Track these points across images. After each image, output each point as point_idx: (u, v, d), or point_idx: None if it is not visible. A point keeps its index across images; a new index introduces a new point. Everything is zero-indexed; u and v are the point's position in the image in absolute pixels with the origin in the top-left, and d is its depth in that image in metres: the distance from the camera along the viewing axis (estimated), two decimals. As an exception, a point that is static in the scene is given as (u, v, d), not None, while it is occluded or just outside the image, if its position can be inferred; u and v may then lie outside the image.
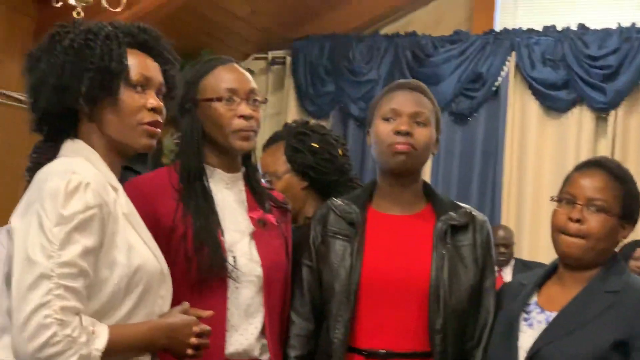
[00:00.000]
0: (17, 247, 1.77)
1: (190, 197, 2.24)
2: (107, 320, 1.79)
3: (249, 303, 2.25)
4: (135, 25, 1.98)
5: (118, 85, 1.88)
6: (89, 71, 1.86)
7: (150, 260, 1.89)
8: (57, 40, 1.89)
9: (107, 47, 1.88)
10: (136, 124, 1.91)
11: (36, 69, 1.90)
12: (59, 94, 1.87)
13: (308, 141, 2.74)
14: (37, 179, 1.83)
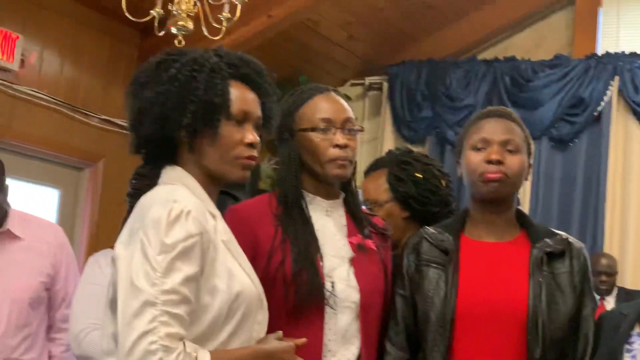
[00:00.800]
0: (121, 275, 1.80)
1: (289, 223, 2.26)
2: (208, 345, 1.82)
3: (346, 329, 2.23)
4: (239, 57, 2.00)
5: (219, 119, 1.92)
6: (192, 103, 1.89)
7: (249, 287, 1.91)
8: (163, 69, 1.92)
9: (211, 80, 1.91)
10: (233, 157, 1.95)
11: (141, 95, 1.93)
12: (161, 123, 1.91)
13: (411, 171, 2.71)
14: (140, 206, 1.87)
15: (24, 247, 3.08)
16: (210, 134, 1.92)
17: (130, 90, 1.97)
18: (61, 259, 3.15)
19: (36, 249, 3.10)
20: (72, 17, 5.56)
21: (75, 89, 5.61)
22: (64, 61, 5.57)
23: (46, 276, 3.11)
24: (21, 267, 3.06)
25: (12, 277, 3.03)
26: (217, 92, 1.91)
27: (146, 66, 1.97)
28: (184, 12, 4.24)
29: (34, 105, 5.34)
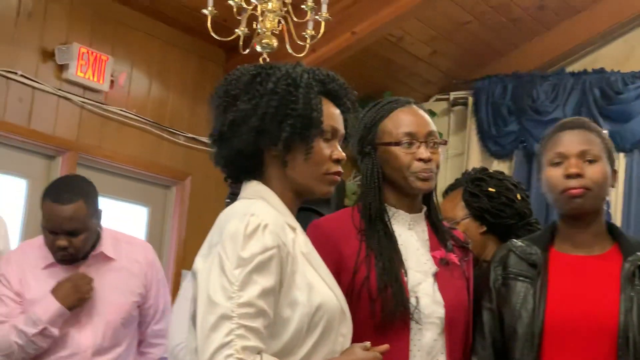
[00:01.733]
0: (200, 289, 1.82)
1: (372, 237, 2.24)
2: (290, 359, 1.81)
3: (431, 345, 2.21)
4: (325, 73, 2.01)
5: (315, 134, 1.92)
6: (291, 117, 1.89)
7: (330, 299, 1.89)
8: (259, 82, 1.93)
9: (308, 95, 1.92)
10: (322, 173, 1.96)
11: (235, 107, 1.93)
12: (257, 136, 1.91)
13: (485, 186, 2.80)
14: (219, 221, 1.89)
15: (116, 268, 3.16)
16: (303, 149, 1.92)
17: (220, 103, 1.97)
18: (151, 277, 3.21)
19: (128, 269, 3.17)
20: (159, 38, 5.66)
21: (162, 108, 5.71)
22: (151, 81, 5.68)
23: (138, 295, 3.17)
24: (114, 288, 3.14)
25: (106, 298, 3.11)
26: (314, 107, 1.92)
27: (236, 78, 1.97)
28: (269, 30, 4.29)
29: (123, 125, 5.45)
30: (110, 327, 3.10)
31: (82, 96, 5.21)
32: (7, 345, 3.00)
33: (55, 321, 3.00)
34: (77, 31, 5.16)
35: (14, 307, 3.06)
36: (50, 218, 3.03)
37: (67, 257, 3.07)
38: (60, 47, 5.05)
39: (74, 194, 3.03)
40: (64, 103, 5.12)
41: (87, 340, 3.06)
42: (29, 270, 3.10)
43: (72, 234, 3.02)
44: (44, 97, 5.00)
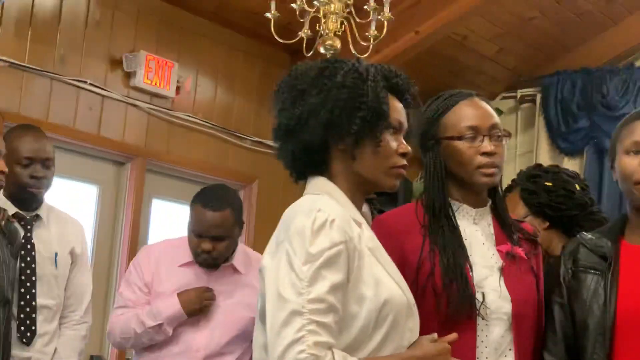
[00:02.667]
0: (268, 285, 1.82)
1: (436, 232, 2.22)
2: (358, 354, 1.80)
3: (499, 341, 2.18)
4: (388, 68, 2.00)
5: (383, 127, 1.92)
6: (360, 110, 1.89)
7: (397, 294, 1.88)
8: (327, 76, 1.92)
9: (376, 88, 1.91)
10: (390, 166, 1.95)
11: (302, 102, 1.92)
12: (327, 129, 1.90)
13: (541, 181, 2.80)
14: (285, 217, 1.88)
15: (243, 283, 3.28)
16: (372, 142, 1.92)
17: (286, 98, 1.96)
18: None
19: (253, 286, 3.24)
20: (224, 43, 5.71)
21: (228, 113, 5.76)
22: (217, 86, 5.73)
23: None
24: (237, 301, 3.25)
25: (227, 308, 3.23)
26: (382, 100, 1.92)
27: (302, 73, 1.96)
28: (332, 32, 4.29)
29: (189, 130, 5.51)
30: (226, 335, 3.21)
31: (150, 102, 5.28)
32: (127, 330, 3.19)
33: (172, 321, 3.15)
34: (143, 39, 5.24)
35: (140, 296, 3.24)
36: (198, 222, 3.17)
37: (208, 261, 3.21)
38: (127, 55, 5.13)
39: (223, 202, 3.19)
40: (132, 110, 5.20)
41: (201, 341, 3.18)
42: (164, 266, 3.26)
43: (217, 240, 3.16)
44: (112, 105, 5.09)
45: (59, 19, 4.86)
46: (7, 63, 4.59)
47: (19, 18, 4.68)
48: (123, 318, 3.21)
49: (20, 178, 3.26)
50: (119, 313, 3.25)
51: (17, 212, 3.25)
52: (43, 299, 3.24)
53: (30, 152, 3.29)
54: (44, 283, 3.24)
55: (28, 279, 3.20)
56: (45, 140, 3.40)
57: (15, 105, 4.62)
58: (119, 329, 3.22)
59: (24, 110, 4.64)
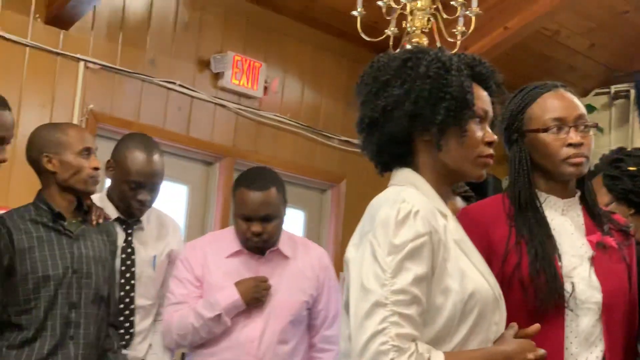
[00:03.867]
0: (353, 276, 1.81)
1: (523, 223, 2.18)
2: (443, 347, 1.78)
3: (589, 331, 2.13)
4: (472, 56, 1.97)
5: (468, 116, 1.89)
6: (445, 101, 1.86)
7: (483, 286, 1.85)
8: (410, 67, 1.90)
9: (460, 79, 1.89)
10: (476, 156, 1.91)
11: (386, 94, 1.90)
12: (412, 121, 1.88)
13: (624, 166, 2.70)
14: (370, 209, 1.87)
15: (290, 267, 3.24)
16: (457, 132, 1.89)
17: (369, 90, 1.94)
18: (324, 281, 3.26)
19: (301, 269, 3.24)
20: (311, 43, 5.73)
21: (316, 112, 5.78)
22: (304, 86, 5.75)
23: (309, 296, 3.22)
24: (287, 287, 3.21)
25: (278, 296, 3.19)
26: (467, 89, 1.89)
27: (384, 64, 1.94)
28: (418, 29, 4.27)
29: (277, 130, 5.55)
30: (279, 323, 3.17)
31: (238, 103, 5.33)
32: (184, 326, 3.15)
33: (231, 311, 3.11)
34: (231, 40, 5.30)
35: (192, 291, 3.20)
36: (244, 204, 3.14)
37: (259, 244, 3.17)
38: (215, 56, 5.20)
39: (267, 181, 3.16)
40: (220, 110, 5.26)
41: (254, 332, 3.14)
42: (212, 257, 3.23)
43: (266, 220, 3.13)
44: (201, 106, 5.16)
45: (149, 22, 4.96)
46: (99, 66, 4.70)
47: (110, 22, 4.79)
48: (178, 315, 3.16)
49: (125, 197, 3.25)
50: (172, 310, 3.20)
51: (118, 216, 3.29)
52: (140, 299, 3.28)
53: (140, 177, 3.25)
54: (141, 284, 3.28)
55: (128, 282, 3.25)
56: (159, 163, 3.31)
57: (108, 106, 4.73)
58: (175, 326, 3.17)
59: (115, 112, 4.75)
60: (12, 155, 4.23)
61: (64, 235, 2.92)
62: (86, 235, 2.98)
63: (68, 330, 2.87)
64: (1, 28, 4.35)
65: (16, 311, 2.83)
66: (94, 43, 4.70)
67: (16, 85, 4.40)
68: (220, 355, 3.15)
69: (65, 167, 2.92)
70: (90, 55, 4.68)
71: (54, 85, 4.55)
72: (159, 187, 3.36)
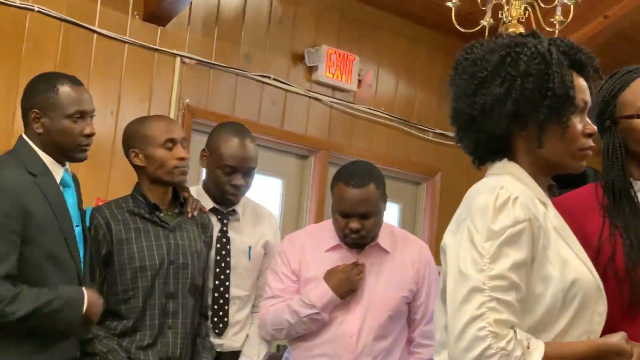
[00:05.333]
0: (450, 263, 1.79)
1: (617, 214, 2.12)
2: (544, 336, 1.75)
3: None
4: (569, 43, 1.92)
5: (570, 112, 1.85)
6: (547, 99, 1.83)
7: (585, 275, 1.81)
8: (510, 63, 1.86)
9: (562, 73, 1.85)
10: (577, 149, 1.88)
11: (484, 91, 1.87)
12: (512, 119, 1.85)
13: None
14: (467, 196, 1.85)
15: (390, 262, 3.21)
16: (558, 127, 1.85)
17: (466, 85, 1.89)
18: (424, 275, 3.22)
19: (401, 264, 3.21)
20: (405, 36, 5.71)
21: (410, 105, 5.75)
22: (398, 78, 5.73)
23: (408, 291, 3.20)
24: (386, 281, 3.19)
25: (377, 290, 3.17)
26: (569, 84, 1.85)
27: (481, 59, 1.89)
28: (514, 19, 4.19)
29: (371, 123, 5.54)
30: (378, 318, 3.15)
31: (332, 96, 5.35)
32: (280, 321, 3.16)
33: (327, 307, 3.11)
34: (324, 33, 5.31)
35: (289, 285, 3.20)
36: (343, 201, 3.12)
37: (358, 240, 3.15)
38: (309, 50, 5.22)
39: (366, 178, 3.12)
40: (315, 104, 5.28)
41: (353, 328, 3.13)
42: (310, 252, 3.22)
43: (364, 217, 3.10)
44: (295, 99, 5.19)
45: (243, 17, 5.01)
46: (195, 61, 4.77)
47: (206, 17, 4.86)
48: (273, 309, 3.18)
49: (220, 183, 3.27)
50: (268, 304, 3.21)
51: (214, 207, 3.32)
52: (236, 290, 3.31)
53: (234, 161, 3.26)
54: (237, 275, 3.30)
55: (223, 272, 3.28)
56: (251, 147, 3.32)
57: (203, 101, 4.81)
58: (270, 320, 3.19)
59: (211, 106, 4.82)
60: (111, 150, 4.37)
61: (160, 226, 2.98)
62: (182, 226, 3.03)
63: (166, 320, 2.93)
64: (101, 26, 4.46)
65: (116, 300, 2.91)
66: (190, 39, 4.78)
67: (115, 81, 4.51)
68: (318, 350, 3.16)
69: (151, 161, 2.98)
70: (186, 50, 4.75)
71: (152, 80, 4.64)
72: (253, 173, 3.36)
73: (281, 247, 3.31)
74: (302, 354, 3.19)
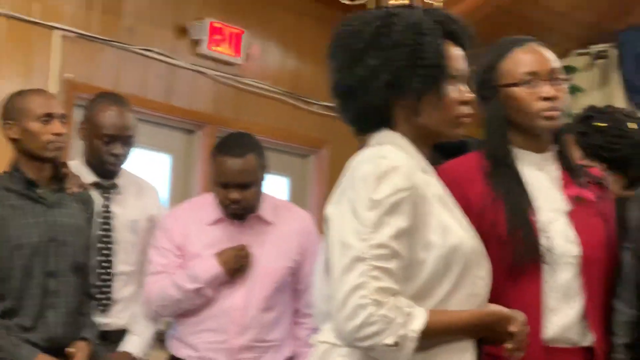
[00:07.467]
0: (332, 233, 1.81)
1: (499, 180, 2.19)
2: (427, 303, 1.78)
3: (567, 286, 2.14)
4: (443, 14, 1.96)
5: (444, 79, 1.89)
6: (421, 68, 1.86)
7: (466, 240, 1.85)
8: (383, 34, 1.88)
9: (434, 43, 1.88)
10: (454, 117, 1.92)
11: (361, 63, 1.89)
12: (389, 89, 1.88)
13: (593, 122, 2.73)
14: (349, 167, 1.87)
15: (273, 233, 3.22)
16: (434, 95, 1.89)
17: (344, 57, 1.93)
18: (308, 246, 3.23)
19: (284, 234, 3.22)
20: (292, 9, 5.69)
21: (298, 78, 5.75)
22: (285, 52, 5.72)
23: (292, 261, 3.21)
24: (269, 253, 3.19)
25: (261, 262, 3.17)
26: (442, 53, 1.88)
27: (358, 31, 1.91)
28: (398, -8, 4.22)
29: (259, 97, 5.52)
30: (264, 290, 3.15)
31: (218, 70, 5.30)
32: (165, 297, 3.14)
33: (212, 282, 3.10)
34: (210, 6, 5.26)
35: (172, 260, 3.18)
36: (223, 171, 3.12)
37: (238, 211, 3.15)
38: (193, 23, 5.15)
39: (245, 148, 3.13)
40: (200, 78, 5.23)
41: (239, 300, 3.13)
42: (194, 226, 3.20)
43: (244, 187, 3.10)
44: (181, 73, 5.13)
45: (126, -11, 4.90)
46: (75, 34, 4.65)
47: (86, -11, 4.73)
48: (158, 285, 3.15)
49: (99, 153, 3.23)
50: (153, 280, 3.18)
51: (95, 181, 3.27)
52: (121, 265, 3.26)
53: (112, 129, 3.23)
54: (122, 250, 3.26)
55: (106, 247, 3.23)
56: (129, 116, 3.31)
57: (86, 75, 4.69)
58: (155, 296, 3.16)
59: (94, 81, 4.70)
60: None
61: (39, 203, 2.91)
62: (62, 203, 2.96)
63: (48, 300, 2.86)
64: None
65: None
66: (70, 11, 4.65)
67: (-9, 55, 4.36)
68: (204, 325, 3.14)
69: (25, 134, 2.91)
70: (66, 23, 4.62)
71: (30, 55, 4.50)
72: (132, 142, 3.33)
73: (162, 223, 3.28)
74: (188, 330, 3.17)
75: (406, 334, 1.70)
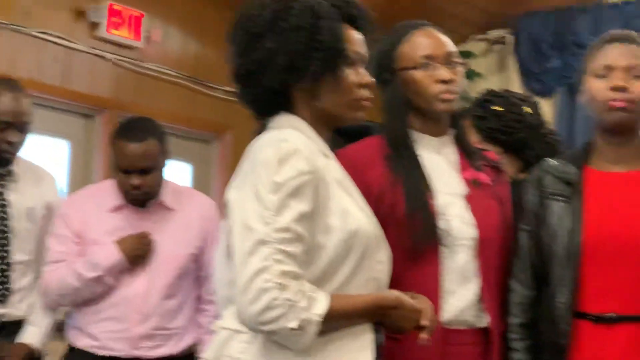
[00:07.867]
0: (235, 217, 1.81)
1: (398, 163, 2.22)
2: (327, 286, 1.79)
3: (464, 268, 2.19)
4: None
5: (341, 63, 1.90)
6: (318, 51, 1.87)
7: (366, 225, 1.87)
8: (282, 18, 1.88)
9: (332, 26, 1.89)
10: (352, 100, 1.93)
11: (259, 47, 1.89)
12: (286, 72, 1.88)
13: (491, 106, 2.80)
14: (250, 151, 1.88)
15: (175, 219, 3.19)
16: (332, 79, 1.90)
17: (242, 41, 1.93)
18: (210, 232, 3.20)
19: (186, 220, 3.20)
20: (194, -8, 5.63)
21: (199, 63, 5.69)
22: (187, 36, 5.66)
23: (195, 248, 3.19)
24: (171, 239, 3.16)
25: (163, 249, 3.14)
26: (339, 36, 1.90)
27: (256, 15, 1.91)
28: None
29: (159, 81, 5.45)
30: (165, 277, 3.13)
31: (117, 54, 5.21)
32: (64, 285, 3.08)
33: (113, 270, 3.05)
34: (109, -11, 5.15)
35: (71, 248, 3.12)
36: (123, 156, 3.06)
37: (139, 197, 3.11)
38: (92, 5, 5.05)
39: (146, 132, 3.09)
40: (99, 61, 5.13)
41: (140, 288, 3.10)
42: (93, 212, 3.15)
43: (145, 172, 3.06)
44: (78, 57, 5.02)
45: (22, -29, 4.77)
46: (-32, 17, 4.51)
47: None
48: (57, 273, 3.08)
49: None
50: (52, 269, 3.12)
51: None
52: (18, 254, 3.19)
53: (6, 115, 3.12)
54: (18, 238, 3.19)
55: (2, 236, 3.16)
56: (24, 101, 3.20)
57: (-21, 59, 4.55)
58: (54, 285, 3.10)
59: (-13, 65, 4.56)
60: None
61: None
62: None
63: None
64: None
65: None
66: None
67: None
68: (105, 313, 3.10)
69: None
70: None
71: None
72: (28, 129, 3.23)
73: (61, 210, 3.21)
74: (88, 319, 3.12)
75: (309, 317, 1.71)
